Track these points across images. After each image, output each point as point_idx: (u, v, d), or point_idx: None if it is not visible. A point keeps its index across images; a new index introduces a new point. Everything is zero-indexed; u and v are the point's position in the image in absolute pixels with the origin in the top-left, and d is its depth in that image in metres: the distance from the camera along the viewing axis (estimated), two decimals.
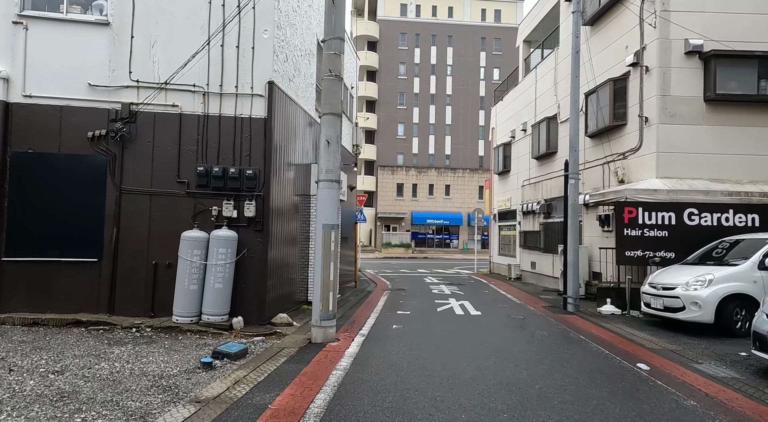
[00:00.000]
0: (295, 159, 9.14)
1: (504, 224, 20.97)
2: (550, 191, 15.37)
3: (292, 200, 9.03)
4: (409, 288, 14.08)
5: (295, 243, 9.21)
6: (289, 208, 8.79)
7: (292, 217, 8.98)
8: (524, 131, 18.39)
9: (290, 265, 8.94)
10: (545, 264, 15.54)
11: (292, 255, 9.05)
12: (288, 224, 8.72)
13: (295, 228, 9.15)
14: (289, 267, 8.83)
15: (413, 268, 23.96)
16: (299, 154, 9.37)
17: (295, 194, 9.17)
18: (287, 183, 8.64)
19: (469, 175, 46.13)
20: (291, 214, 8.93)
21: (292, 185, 8.93)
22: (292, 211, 8.98)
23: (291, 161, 8.85)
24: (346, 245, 13.56)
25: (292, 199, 9.00)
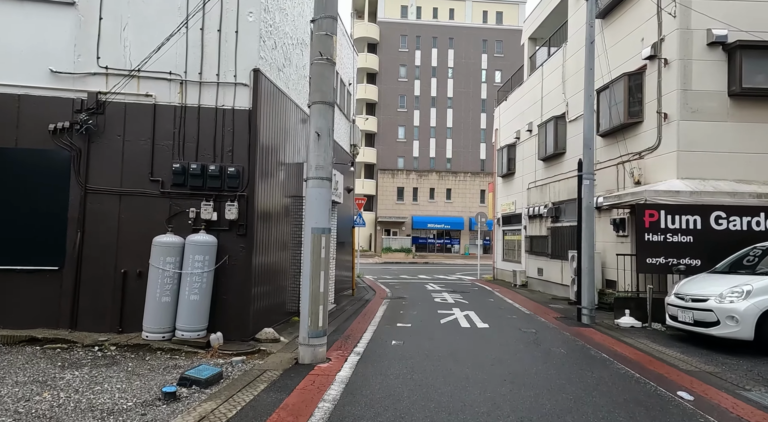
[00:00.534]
0: (287, 157, 8.35)
1: (508, 228, 20.15)
2: (559, 194, 14.57)
3: (283, 202, 8.23)
4: (410, 296, 13.26)
5: (285, 249, 8.40)
6: (278, 210, 7.98)
7: (282, 220, 8.18)
8: (529, 132, 17.62)
9: (279, 273, 8.12)
10: (553, 271, 14.72)
11: (282, 262, 8.24)
12: (277, 228, 7.91)
13: (285, 233, 8.34)
14: (278, 275, 8.02)
15: (414, 274, 23.13)
16: (291, 152, 8.58)
17: (286, 196, 8.38)
18: (276, 183, 7.84)
19: (471, 179, 45.38)
20: (281, 217, 8.13)
21: (282, 185, 8.13)
22: (282, 213, 8.18)
23: (281, 159, 8.05)
24: (342, 250, 12.76)
25: (283, 200, 8.20)
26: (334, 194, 9.50)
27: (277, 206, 7.93)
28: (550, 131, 15.26)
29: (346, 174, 12.63)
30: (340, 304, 11.02)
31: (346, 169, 12.31)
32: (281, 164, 8.08)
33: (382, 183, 44.55)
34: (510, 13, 48.74)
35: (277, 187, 7.89)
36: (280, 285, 8.18)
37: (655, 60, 10.28)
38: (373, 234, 45.64)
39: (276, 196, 7.86)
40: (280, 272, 8.13)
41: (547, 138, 15.49)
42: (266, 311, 7.43)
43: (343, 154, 12.36)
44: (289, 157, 8.52)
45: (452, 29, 47.44)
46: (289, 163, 8.53)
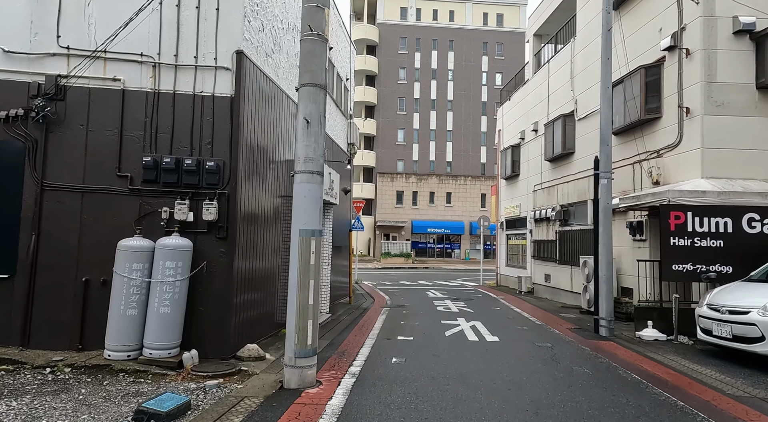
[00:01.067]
0: (277, 154, 7.55)
1: (512, 232, 19.36)
2: (568, 196, 13.79)
3: (272, 202, 7.43)
4: (411, 305, 12.44)
5: (275, 254, 7.59)
6: (266, 211, 7.18)
7: (271, 223, 7.38)
8: (535, 131, 16.87)
9: (267, 280, 7.31)
10: (562, 278, 13.91)
11: (270, 269, 7.43)
12: (264, 230, 7.11)
13: (274, 236, 7.54)
14: (265, 283, 7.20)
15: (414, 280, 22.31)
16: (281, 148, 7.79)
17: (276, 196, 7.58)
18: (264, 181, 7.04)
19: (471, 183, 44.62)
20: (270, 219, 7.32)
21: (271, 183, 7.33)
22: (271, 215, 7.38)
23: (270, 155, 7.26)
24: (339, 255, 11.95)
25: (272, 200, 7.40)
26: (328, 194, 8.71)
27: (265, 206, 7.12)
28: (558, 130, 14.50)
29: (343, 174, 11.84)
30: (336, 314, 10.21)
31: (342, 169, 11.53)
32: (270, 161, 7.28)
33: (381, 186, 43.78)
34: (511, 15, 48.16)
35: (264, 186, 7.09)
36: (268, 294, 7.36)
37: (675, 51, 9.53)
38: (372, 238, 44.82)
39: (264, 195, 7.06)
40: (268, 279, 7.32)
41: (555, 137, 14.73)
42: (251, 323, 6.61)
43: (339, 153, 11.58)
44: (280, 153, 7.73)
45: (452, 31, 46.86)
46: (280, 160, 7.74)
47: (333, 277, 11.02)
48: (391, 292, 16.00)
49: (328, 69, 9.73)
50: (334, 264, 11.18)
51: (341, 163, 10.11)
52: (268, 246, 7.27)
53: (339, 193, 10.69)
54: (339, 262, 12.05)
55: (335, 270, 11.47)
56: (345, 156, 10.73)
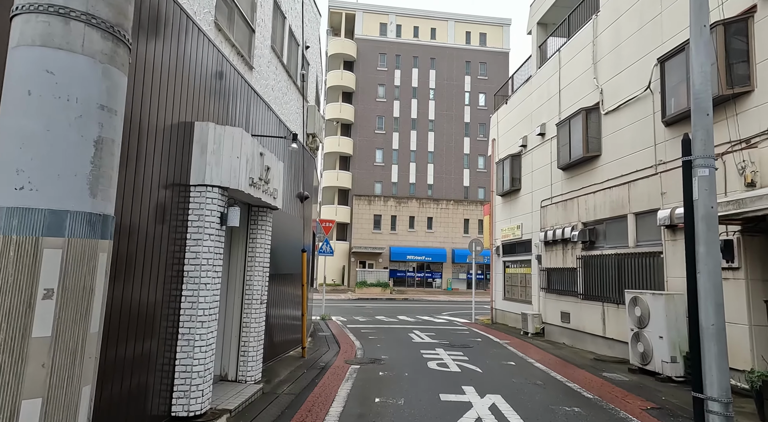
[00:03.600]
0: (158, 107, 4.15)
1: (511, 259, 16.12)
2: (595, 210, 10.66)
3: (151, 196, 3.98)
4: (390, 358, 8.92)
5: (154, 281, 4.09)
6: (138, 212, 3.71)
7: (140, 231, 3.91)
8: (542, 135, 13.90)
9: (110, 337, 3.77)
10: (589, 318, 10.62)
11: (149, 305, 3.90)
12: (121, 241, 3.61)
13: (149, 251, 4.05)
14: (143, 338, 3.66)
15: (392, 314, 18.74)
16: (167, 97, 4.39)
17: (163, 185, 4.14)
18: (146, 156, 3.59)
19: (454, 207, 41.70)
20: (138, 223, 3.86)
21: (158, 162, 3.89)
22: (142, 217, 3.91)
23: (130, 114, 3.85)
24: (287, 286, 8.42)
25: (151, 191, 3.95)
26: (257, 188, 5.28)
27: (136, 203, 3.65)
28: (577, 129, 11.50)
29: (299, 174, 8.46)
30: (275, 380, 6.63)
31: (294, 156, 8.11)
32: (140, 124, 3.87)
33: (357, 210, 40.43)
34: (494, 35, 46.52)
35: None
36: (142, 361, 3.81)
37: None
38: (346, 266, 41.17)
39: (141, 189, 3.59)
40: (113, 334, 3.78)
41: (572, 139, 11.71)
42: None
43: (281, 130, 8.20)
44: (170, 105, 4.32)
45: (434, 49, 44.86)
46: (168, 123, 4.32)
47: (276, 319, 7.49)
48: (365, 334, 12.43)
49: (275, 15, 6.47)
50: (278, 300, 7.65)
51: (284, 139, 6.62)
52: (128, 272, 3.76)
53: (287, 196, 7.29)
54: (286, 297, 8.51)
55: (280, 308, 7.94)
56: (288, 132, 7.20)
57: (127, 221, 3.89)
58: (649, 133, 9.12)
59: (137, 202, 3.98)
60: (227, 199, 4.87)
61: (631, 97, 9.71)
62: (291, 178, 8.15)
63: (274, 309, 7.48)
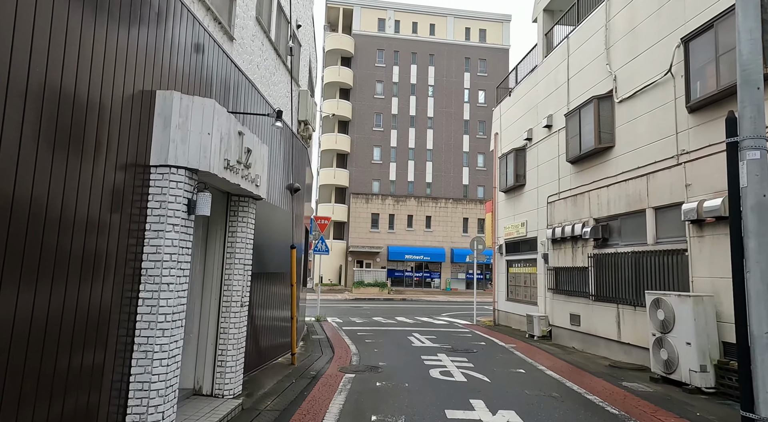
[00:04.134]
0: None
1: (515, 258, 15.39)
2: (608, 205, 9.93)
3: (103, 178, 3.23)
4: (389, 365, 8.16)
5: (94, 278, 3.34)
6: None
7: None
8: (548, 128, 13.17)
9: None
10: (601, 321, 9.89)
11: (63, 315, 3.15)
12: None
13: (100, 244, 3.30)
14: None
15: (390, 315, 18.00)
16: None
17: (117, 166, 3.39)
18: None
19: (453, 206, 40.95)
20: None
21: (110, 138, 3.14)
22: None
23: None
24: (274, 286, 7.65)
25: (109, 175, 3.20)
26: (232, 171, 4.52)
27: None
28: (588, 119, 10.77)
29: (289, 158, 7.70)
30: (259, 391, 5.87)
31: (284, 143, 7.35)
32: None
33: (354, 208, 39.65)
34: (494, 32, 45.78)
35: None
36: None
37: None
38: (343, 265, 40.44)
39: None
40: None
41: (582, 130, 10.98)
42: None
43: (263, 108, 7.44)
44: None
45: (433, 45, 44.12)
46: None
47: (262, 322, 6.74)
48: (361, 337, 11.67)
49: None
50: (264, 301, 6.90)
51: (267, 116, 5.77)
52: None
53: (274, 186, 6.54)
54: (273, 298, 7.74)
55: (266, 310, 7.19)
56: (272, 109, 6.33)
57: (71, 209, 3.15)
58: (669, 120, 8.39)
59: (84, 187, 3.24)
60: (196, 184, 4.12)
61: (648, 82, 8.98)
62: (279, 166, 7.40)
63: (259, 311, 6.73)
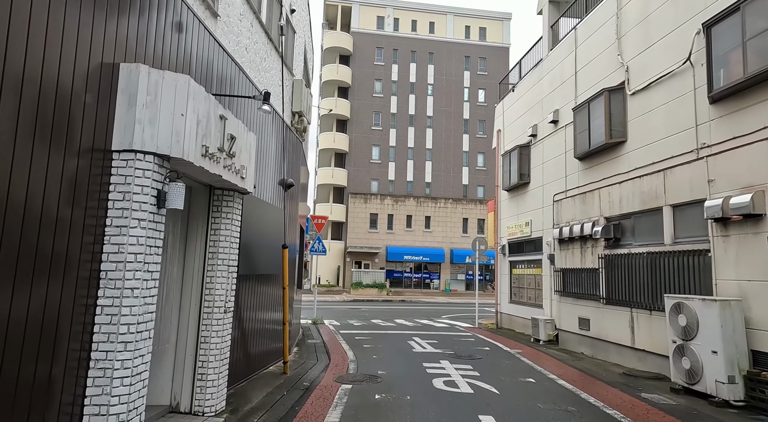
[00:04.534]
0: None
1: (519, 259, 14.85)
2: (620, 203, 9.39)
3: (53, 166, 2.68)
4: (389, 375, 7.61)
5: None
6: None
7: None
8: (554, 123, 12.63)
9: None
10: (613, 326, 9.34)
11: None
12: None
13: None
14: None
15: (389, 317, 17.44)
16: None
17: (72, 152, 2.84)
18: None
19: (452, 206, 40.37)
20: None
21: (65, 119, 2.59)
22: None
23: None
24: (264, 286, 7.08)
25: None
26: (211, 160, 3.97)
27: None
28: (597, 113, 10.24)
29: (281, 151, 7.15)
30: (245, 406, 5.31)
31: (276, 135, 6.79)
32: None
33: (353, 208, 39.06)
34: (494, 30, 45.27)
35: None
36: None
37: None
38: (341, 266, 39.85)
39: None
40: None
41: (592, 124, 10.46)
42: None
43: (249, 90, 6.89)
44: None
45: (432, 43, 43.58)
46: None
47: (251, 328, 6.19)
48: (359, 342, 11.11)
49: None
50: (253, 305, 6.34)
51: (251, 99, 5.17)
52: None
53: (264, 180, 5.98)
54: (264, 302, 7.17)
55: (256, 315, 6.63)
56: (257, 93, 5.70)
57: (18, 201, 2.60)
58: (688, 112, 7.86)
59: (35, 176, 2.70)
60: (168, 173, 3.56)
61: (665, 72, 8.45)
62: (271, 159, 6.85)
63: (248, 316, 6.17)
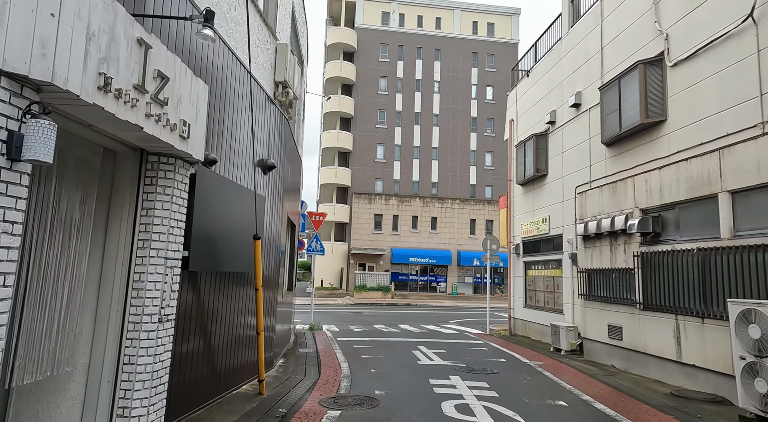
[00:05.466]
0: None
1: (535, 259, 13.48)
2: (661, 192, 8.03)
3: None
4: (389, 392, 6.30)
5: None
6: None
7: None
8: (576, 107, 11.31)
9: None
10: (651, 335, 7.97)
11: None
12: None
13: None
14: None
15: (393, 322, 16.12)
16: None
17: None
18: None
19: (459, 206, 38.95)
20: None
21: None
22: None
23: None
24: (233, 287, 5.76)
25: None
26: (135, 105, 2.69)
27: None
28: (630, 90, 8.90)
29: (269, 134, 5.88)
30: None
31: (254, 98, 5.48)
32: None
33: (357, 209, 37.78)
34: (502, 25, 43.93)
35: None
36: None
37: None
38: (345, 268, 38.58)
39: None
40: None
41: (623, 103, 9.12)
42: None
43: (195, 13, 5.61)
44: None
45: (439, 39, 42.32)
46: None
47: (220, 336, 4.90)
48: (357, 352, 9.80)
49: None
50: (217, 311, 5.05)
51: (189, 20, 3.83)
52: None
53: (234, 157, 4.71)
54: (232, 306, 5.87)
55: (221, 323, 5.34)
56: (195, 14, 4.32)
57: None
58: (750, 79, 6.51)
59: None
60: (29, 107, 2.28)
61: (716, 35, 7.11)
62: (244, 133, 5.58)
63: (212, 324, 4.90)
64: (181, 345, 4.21)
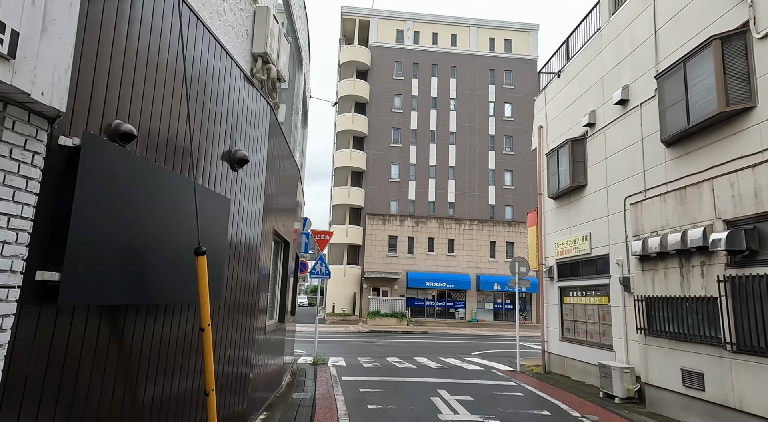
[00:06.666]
0: None
1: (573, 284, 11.53)
2: (755, 197, 6.16)
3: None
4: None
5: None
6: None
7: None
8: (622, 103, 9.57)
9: None
10: (750, 386, 5.98)
11: None
12: None
13: None
14: None
15: (408, 354, 14.17)
16: None
17: None
18: None
19: (478, 228, 36.93)
20: None
21: None
22: None
23: None
24: (168, 325, 4.04)
25: None
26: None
27: None
28: (701, 74, 7.15)
29: (242, 119, 4.28)
30: None
31: (220, 69, 3.87)
32: None
33: (370, 231, 36.05)
34: (520, 42, 42.68)
35: None
36: None
37: None
38: (358, 293, 36.62)
39: None
40: None
41: (690, 92, 7.36)
42: None
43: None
44: None
45: (455, 56, 41.20)
46: None
47: (162, 396, 3.15)
48: (363, 398, 7.93)
49: None
50: (159, 359, 3.31)
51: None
52: None
53: (195, 145, 3.08)
54: (170, 355, 4.13)
55: (166, 376, 3.61)
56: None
57: None
58: None
59: None
60: None
61: None
62: (207, 111, 4.00)
63: (150, 381, 3.19)
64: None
